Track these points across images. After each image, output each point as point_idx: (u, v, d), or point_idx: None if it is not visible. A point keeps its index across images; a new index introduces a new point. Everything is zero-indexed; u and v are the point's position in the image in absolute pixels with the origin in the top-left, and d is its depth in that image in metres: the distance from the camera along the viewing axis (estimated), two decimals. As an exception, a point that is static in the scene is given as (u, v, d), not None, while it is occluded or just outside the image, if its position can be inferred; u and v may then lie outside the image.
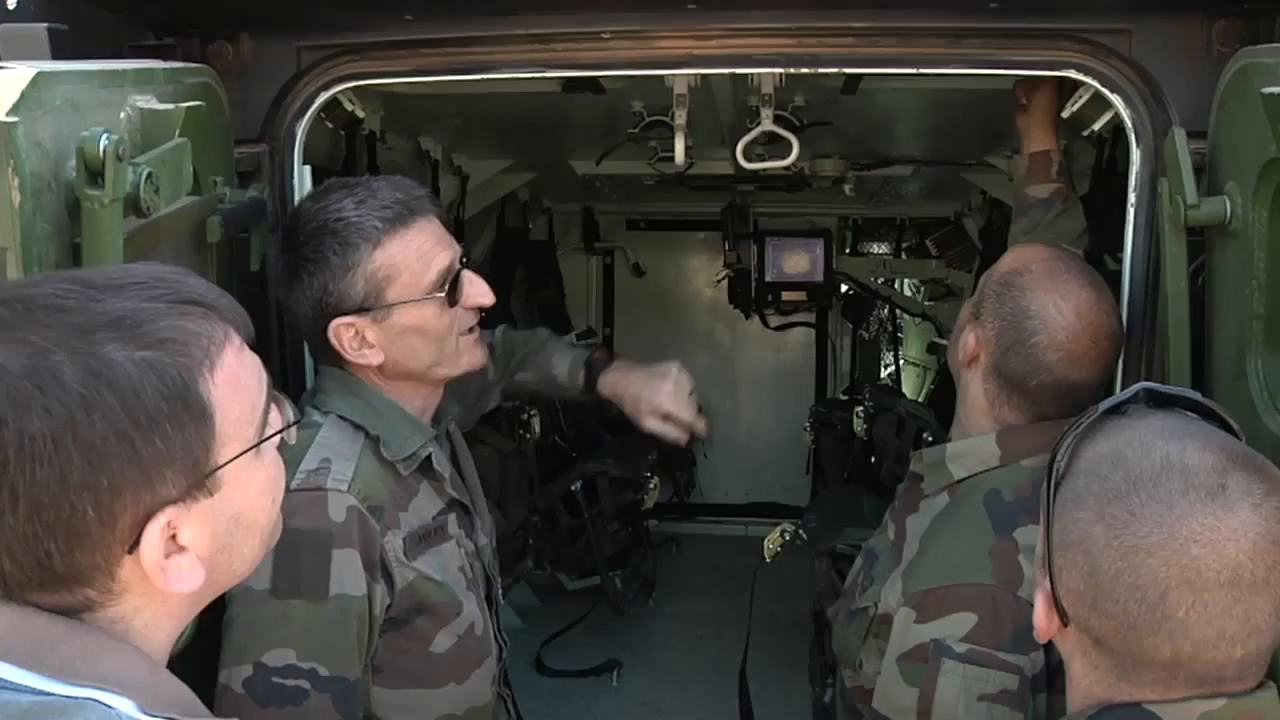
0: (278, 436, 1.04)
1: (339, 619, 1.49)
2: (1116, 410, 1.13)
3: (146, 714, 0.84)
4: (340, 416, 1.63)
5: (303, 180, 1.92)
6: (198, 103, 1.56)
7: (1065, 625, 1.08)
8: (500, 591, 1.91)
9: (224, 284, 1.67)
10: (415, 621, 1.60)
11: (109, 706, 0.82)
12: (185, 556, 0.92)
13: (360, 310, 1.60)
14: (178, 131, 1.46)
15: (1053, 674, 1.49)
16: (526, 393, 2.20)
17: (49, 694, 0.82)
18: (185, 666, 0.99)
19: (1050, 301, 1.60)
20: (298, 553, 1.43)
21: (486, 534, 1.86)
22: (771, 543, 3.56)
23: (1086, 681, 1.10)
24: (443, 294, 1.63)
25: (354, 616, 1.50)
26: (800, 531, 3.55)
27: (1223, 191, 1.50)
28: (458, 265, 1.67)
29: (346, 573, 1.49)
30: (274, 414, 1.03)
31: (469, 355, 1.73)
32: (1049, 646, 1.18)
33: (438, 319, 1.65)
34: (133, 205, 1.26)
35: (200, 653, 1.42)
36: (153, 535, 0.88)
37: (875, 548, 1.84)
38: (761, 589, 4.53)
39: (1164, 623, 0.99)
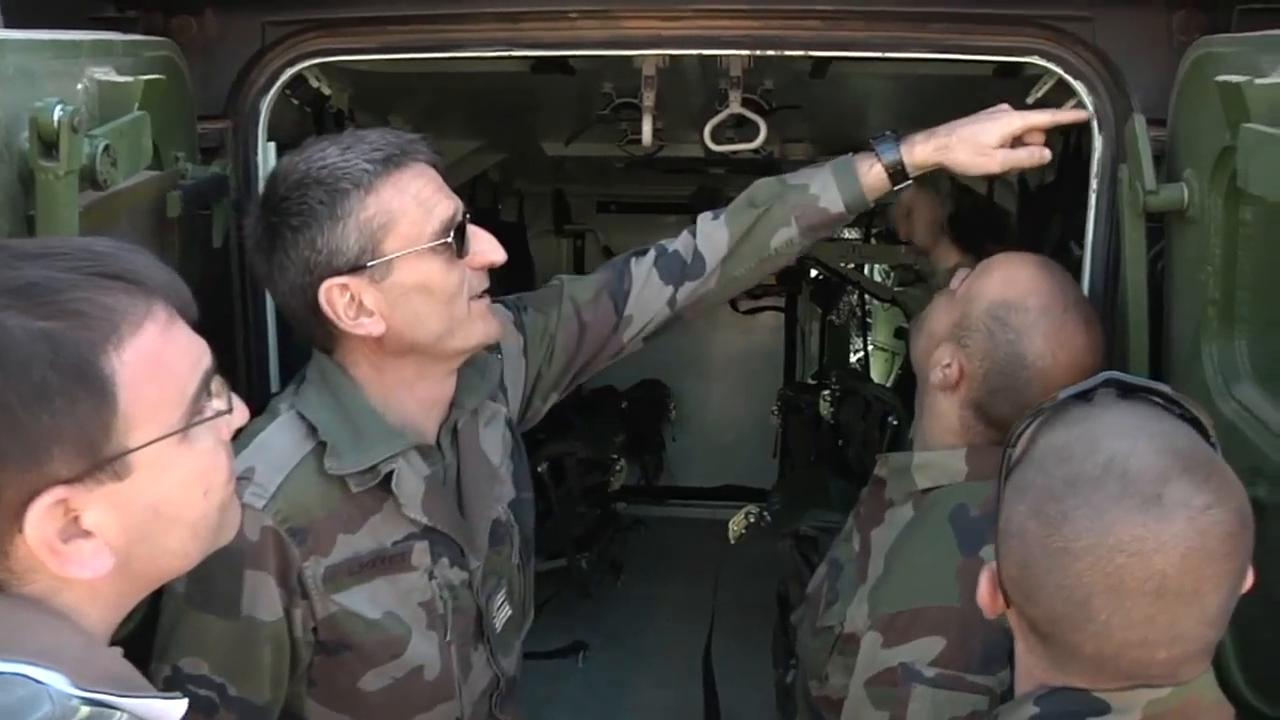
0: (222, 426, 0.98)
1: (249, 639, 1.41)
2: (1082, 397, 1.12)
3: (79, 689, 0.81)
4: (300, 414, 1.46)
5: (267, 157, 1.89)
6: (158, 76, 1.54)
7: (1009, 606, 1.10)
8: (495, 623, 1.66)
9: (185, 261, 1.66)
10: (342, 654, 1.49)
11: (38, 681, 0.80)
12: (90, 542, 0.88)
13: (355, 269, 1.40)
14: (137, 105, 1.43)
15: None
16: (794, 254, 1.87)
17: None
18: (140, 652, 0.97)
19: (1049, 352, 1.56)
20: (209, 565, 1.28)
21: (480, 557, 1.60)
22: (736, 525, 3.59)
23: (1027, 662, 1.11)
24: (449, 240, 1.43)
25: (266, 640, 1.42)
26: (765, 514, 3.57)
27: (1181, 178, 1.52)
28: (461, 215, 1.46)
29: (258, 595, 1.40)
30: (218, 401, 0.97)
31: (483, 324, 1.51)
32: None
33: (445, 275, 1.44)
34: (89, 178, 1.24)
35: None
36: (37, 514, 0.85)
37: (840, 558, 1.80)
38: (727, 572, 4.57)
39: (1088, 624, 1.00)
